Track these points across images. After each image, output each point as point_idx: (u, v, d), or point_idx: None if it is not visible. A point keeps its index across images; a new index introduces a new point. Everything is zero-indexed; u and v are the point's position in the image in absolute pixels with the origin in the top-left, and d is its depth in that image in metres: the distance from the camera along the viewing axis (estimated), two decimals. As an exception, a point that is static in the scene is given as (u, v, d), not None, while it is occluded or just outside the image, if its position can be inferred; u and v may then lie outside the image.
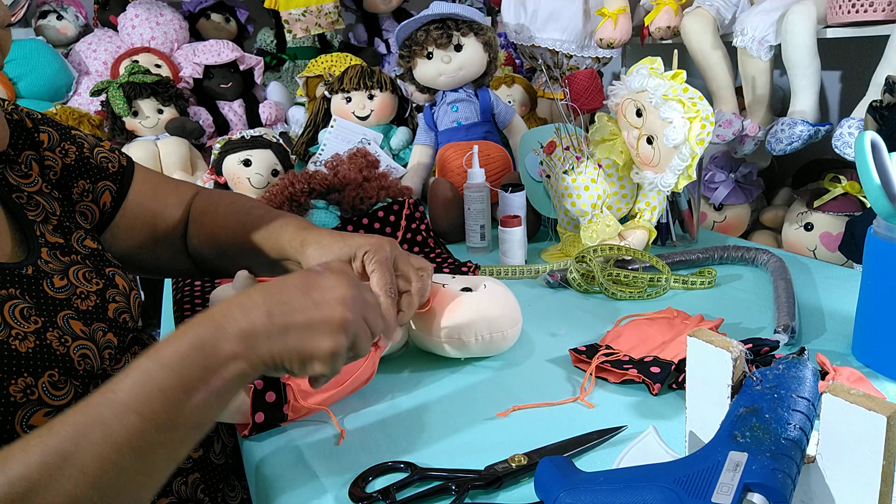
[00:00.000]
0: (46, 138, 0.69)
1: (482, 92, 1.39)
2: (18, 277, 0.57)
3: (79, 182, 0.71)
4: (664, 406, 0.65)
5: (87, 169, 0.72)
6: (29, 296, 0.57)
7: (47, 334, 0.55)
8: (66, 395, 0.55)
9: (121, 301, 0.65)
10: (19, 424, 0.51)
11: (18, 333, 0.53)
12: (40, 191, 0.66)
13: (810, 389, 0.44)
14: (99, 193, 0.72)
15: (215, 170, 1.39)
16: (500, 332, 0.74)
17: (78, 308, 0.60)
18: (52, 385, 0.54)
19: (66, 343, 0.56)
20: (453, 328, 0.72)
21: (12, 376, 0.51)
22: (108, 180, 0.73)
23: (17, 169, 0.65)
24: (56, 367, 0.54)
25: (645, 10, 1.70)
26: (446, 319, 0.72)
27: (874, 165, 0.64)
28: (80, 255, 0.64)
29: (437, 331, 0.72)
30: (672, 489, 0.40)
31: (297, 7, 2.02)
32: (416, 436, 0.63)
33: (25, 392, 0.52)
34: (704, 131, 0.95)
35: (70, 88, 1.99)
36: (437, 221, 1.21)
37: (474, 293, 0.74)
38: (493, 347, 0.74)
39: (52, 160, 0.69)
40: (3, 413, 0.50)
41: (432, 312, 0.73)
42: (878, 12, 1.25)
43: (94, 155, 0.73)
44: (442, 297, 0.73)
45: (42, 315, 0.56)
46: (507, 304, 0.75)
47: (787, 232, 1.54)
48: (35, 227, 0.63)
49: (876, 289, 0.68)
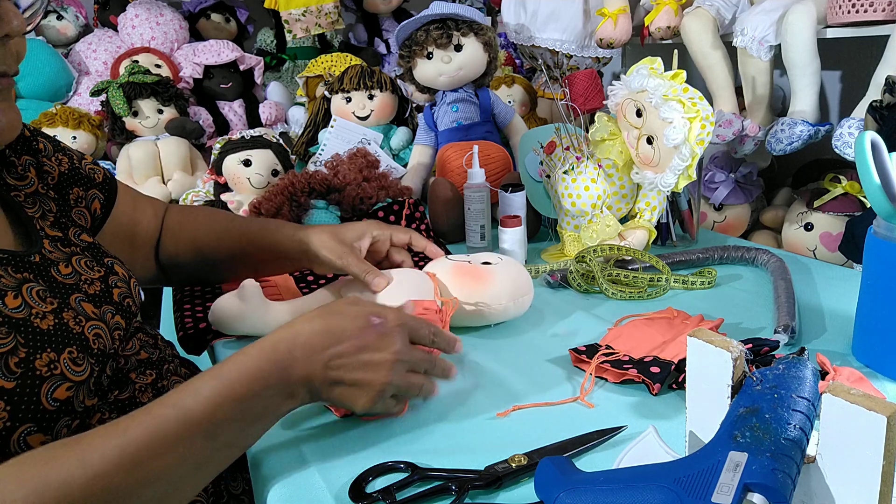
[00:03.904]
0: (43, 147, 0.73)
1: (482, 92, 1.39)
2: (28, 264, 0.60)
3: (73, 189, 0.74)
4: (664, 406, 0.65)
5: (80, 177, 0.76)
6: (42, 280, 0.60)
7: (63, 314, 0.58)
8: (84, 370, 0.57)
9: (123, 287, 0.68)
10: (45, 396, 0.54)
11: (38, 313, 0.57)
12: (37, 191, 0.69)
13: (810, 389, 0.44)
14: (90, 200, 0.76)
15: (215, 170, 1.39)
16: (523, 298, 0.84)
17: (86, 292, 0.63)
18: (73, 361, 0.57)
19: (81, 323, 0.59)
20: (492, 294, 0.81)
21: (38, 351, 0.54)
22: (96, 189, 0.77)
23: (14, 172, 0.68)
24: (74, 344, 0.57)
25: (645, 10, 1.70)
26: (483, 289, 0.81)
27: (874, 165, 0.64)
28: (78, 247, 0.68)
29: (479, 299, 0.81)
30: (672, 489, 0.40)
31: (297, 7, 2.02)
32: (416, 436, 0.63)
33: (49, 367, 0.55)
34: (704, 131, 0.95)
35: (70, 88, 1.99)
36: (437, 221, 1.21)
37: (497, 265, 0.85)
38: (519, 309, 0.85)
39: (49, 166, 0.73)
40: (31, 385, 0.53)
41: (469, 285, 0.81)
42: (878, 12, 1.25)
43: (82, 166, 0.77)
44: (474, 271, 0.83)
45: (56, 297, 0.59)
46: (521, 272, 0.86)
47: (787, 232, 1.54)
48: (35, 221, 0.66)
49: (876, 289, 0.68)
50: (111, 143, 1.91)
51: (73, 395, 0.56)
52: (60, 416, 0.56)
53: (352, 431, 0.64)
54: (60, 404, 0.55)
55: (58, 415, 0.55)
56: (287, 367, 0.56)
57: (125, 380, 0.65)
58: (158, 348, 0.73)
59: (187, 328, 0.86)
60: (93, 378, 0.59)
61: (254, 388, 0.54)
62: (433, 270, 0.84)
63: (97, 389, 0.60)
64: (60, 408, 0.55)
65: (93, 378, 0.59)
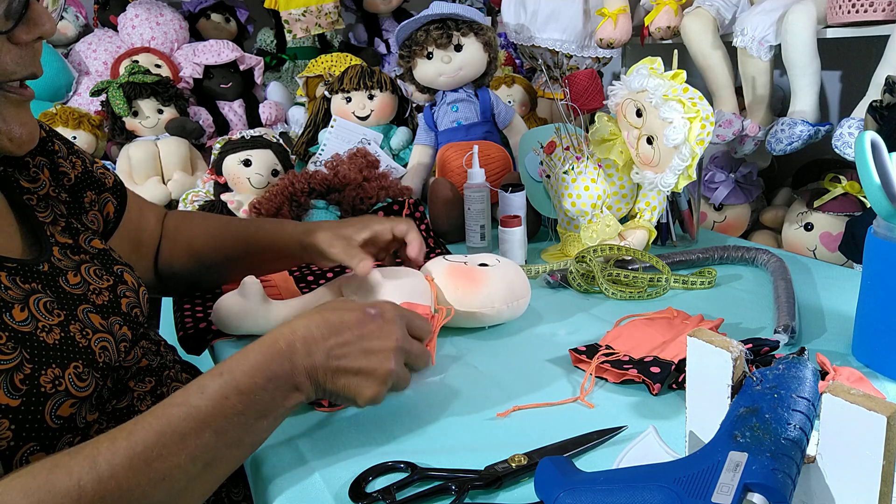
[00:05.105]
0: (58, 148, 0.73)
1: (482, 92, 1.39)
2: (37, 273, 0.60)
3: (87, 192, 0.74)
4: (664, 406, 0.65)
5: (93, 181, 0.76)
6: (50, 290, 0.59)
7: (70, 327, 0.58)
8: (88, 386, 0.57)
9: (131, 296, 0.68)
10: (49, 414, 0.54)
11: (45, 326, 0.56)
12: (48, 194, 0.69)
13: (810, 389, 0.44)
14: (103, 204, 0.76)
15: (215, 170, 1.39)
16: (518, 302, 0.83)
17: (94, 302, 0.63)
18: (77, 377, 0.56)
19: (88, 336, 0.59)
20: (486, 298, 0.81)
21: (42, 367, 0.54)
22: (108, 193, 0.77)
23: (26, 173, 0.68)
24: (80, 359, 0.57)
25: (645, 10, 1.70)
26: (477, 292, 0.81)
27: (874, 165, 0.64)
28: (88, 254, 0.67)
29: (472, 303, 0.81)
30: (672, 489, 0.40)
31: (297, 7, 2.02)
32: (416, 436, 0.63)
33: (54, 383, 0.54)
34: (704, 131, 0.95)
35: (70, 88, 1.99)
36: (437, 221, 1.21)
37: (494, 267, 0.84)
38: (514, 312, 0.84)
39: (65, 168, 0.72)
40: (35, 402, 0.53)
41: (465, 287, 0.81)
42: (878, 12, 1.25)
43: (94, 169, 0.77)
44: (469, 273, 0.82)
45: (63, 309, 0.59)
46: (519, 274, 0.86)
47: (787, 232, 1.54)
48: (45, 227, 0.65)
49: (876, 289, 0.68)
50: (111, 143, 1.91)
51: (76, 411, 0.56)
52: (63, 434, 0.55)
53: (352, 431, 0.64)
54: (64, 421, 0.55)
55: (60, 432, 0.55)
56: (290, 360, 0.55)
57: (124, 389, 0.64)
58: (160, 354, 0.72)
59: (187, 328, 0.86)
60: (96, 393, 0.58)
61: (258, 382, 0.54)
62: (429, 271, 0.84)
63: (98, 403, 0.60)
64: (63, 425, 0.55)
65: (96, 393, 0.58)
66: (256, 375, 0.54)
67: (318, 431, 0.65)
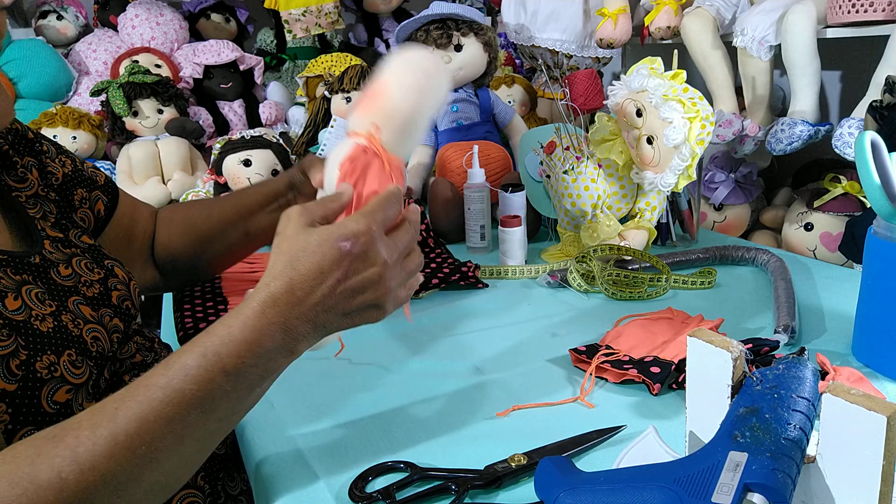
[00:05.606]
0: (46, 149, 0.74)
1: (482, 92, 1.39)
2: (28, 265, 0.60)
3: (77, 190, 0.75)
4: (664, 406, 0.65)
5: (83, 179, 0.76)
6: (41, 282, 0.60)
7: (62, 317, 0.58)
8: (83, 373, 0.57)
9: (122, 289, 0.68)
10: (45, 399, 0.54)
11: (38, 315, 0.57)
12: (37, 193, 0.70)
13: (810, 389, 0.44)
14: (94, 202, 0.77)
15: (215, 170, 1.39)
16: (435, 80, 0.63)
17: (85, 294, 0.63)
18: (72, 364, 0.57)
19: (80, 326, 0.59)
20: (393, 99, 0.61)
21: (38, 353, 0.55)
22: (99, 190, 0.78)
23: (14, 174, 0.69)
24: (73, 347, 0.57)
25: (645, 10, 1.70)
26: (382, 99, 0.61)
27: (874, 165, 0.64)
28: (79, 248, 0.68)
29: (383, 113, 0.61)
30: (672, 489, 0.40)
31: (297, 7, 2.02)
32: (416, 436, 0.63)
33: (50, 369, 0.55)
34: (704, 131, 0.95)
35: (70, 88, 1.99)
36: (437, 221, 1.21)
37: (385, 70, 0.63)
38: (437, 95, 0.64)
39: (53, 167, 0.73)
40: (32, 388, 0.53)
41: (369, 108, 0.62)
42: (878, 12, 1.25)
43: (84, 168, 0.78)
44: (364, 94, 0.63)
45: (55, 299, 0.60)
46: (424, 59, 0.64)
47: (787, 232, 1.54)
48: (36, 222, 0.66)
49: (876, 289, 0.68)
50: (111, 143, 1.91)
51: (72, 398, 0.56)
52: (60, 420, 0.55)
53: (352, 431, 0.64)
54: (60, 407, 0.55)
55: (58, 418, 0.55)
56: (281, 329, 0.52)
57: (119, 382, 0.65)
58: (154, 351, 0.73)
59: (187, 328, 0.86)
60: (91, 381, 0.59)
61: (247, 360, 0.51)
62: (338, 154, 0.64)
63: (95, 392, 0.60)
64: (60, 411, 0.55)
65: (91, 381, 0.59)
66: (244, 355, 0.50)
67: (318, 431, 0.65)
